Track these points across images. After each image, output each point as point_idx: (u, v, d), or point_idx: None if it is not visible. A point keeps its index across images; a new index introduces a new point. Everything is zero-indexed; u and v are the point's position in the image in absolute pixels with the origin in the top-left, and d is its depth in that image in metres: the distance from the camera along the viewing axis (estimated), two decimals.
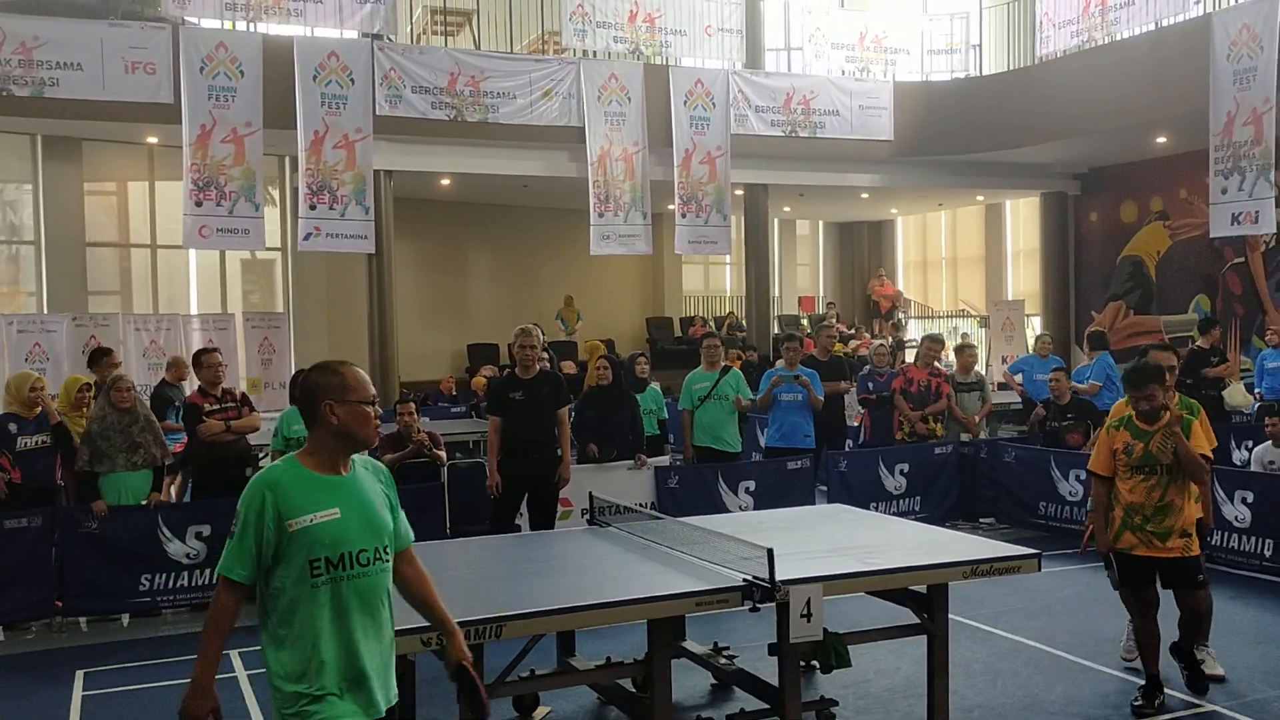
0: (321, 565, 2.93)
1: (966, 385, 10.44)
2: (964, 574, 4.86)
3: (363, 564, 3.00)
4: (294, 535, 2.91)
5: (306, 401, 3.03)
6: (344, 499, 3.01)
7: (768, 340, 17.10)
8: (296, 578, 2.92)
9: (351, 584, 2.98)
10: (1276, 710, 5.23)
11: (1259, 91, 12.82)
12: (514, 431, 7.31)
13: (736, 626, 6.20)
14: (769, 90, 16.26)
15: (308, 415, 3.04)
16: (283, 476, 2.96)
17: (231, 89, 13.14)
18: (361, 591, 3.01)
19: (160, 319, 14.81)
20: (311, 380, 3.04)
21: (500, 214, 20.19)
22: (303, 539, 2.91)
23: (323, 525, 2.94)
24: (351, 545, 2.98)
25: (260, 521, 2.90)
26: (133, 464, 7.39)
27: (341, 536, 2.96)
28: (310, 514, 2.92)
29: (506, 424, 7.34)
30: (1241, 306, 16.73)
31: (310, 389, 3.03)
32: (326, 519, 2.95)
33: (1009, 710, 5.31)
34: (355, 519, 3.01)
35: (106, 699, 5.86)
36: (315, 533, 2.93)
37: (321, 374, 3.05)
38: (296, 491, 2.95)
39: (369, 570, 3.03)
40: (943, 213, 23.61)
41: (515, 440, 7.31)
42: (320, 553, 2.93)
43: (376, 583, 3.06)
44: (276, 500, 2.91)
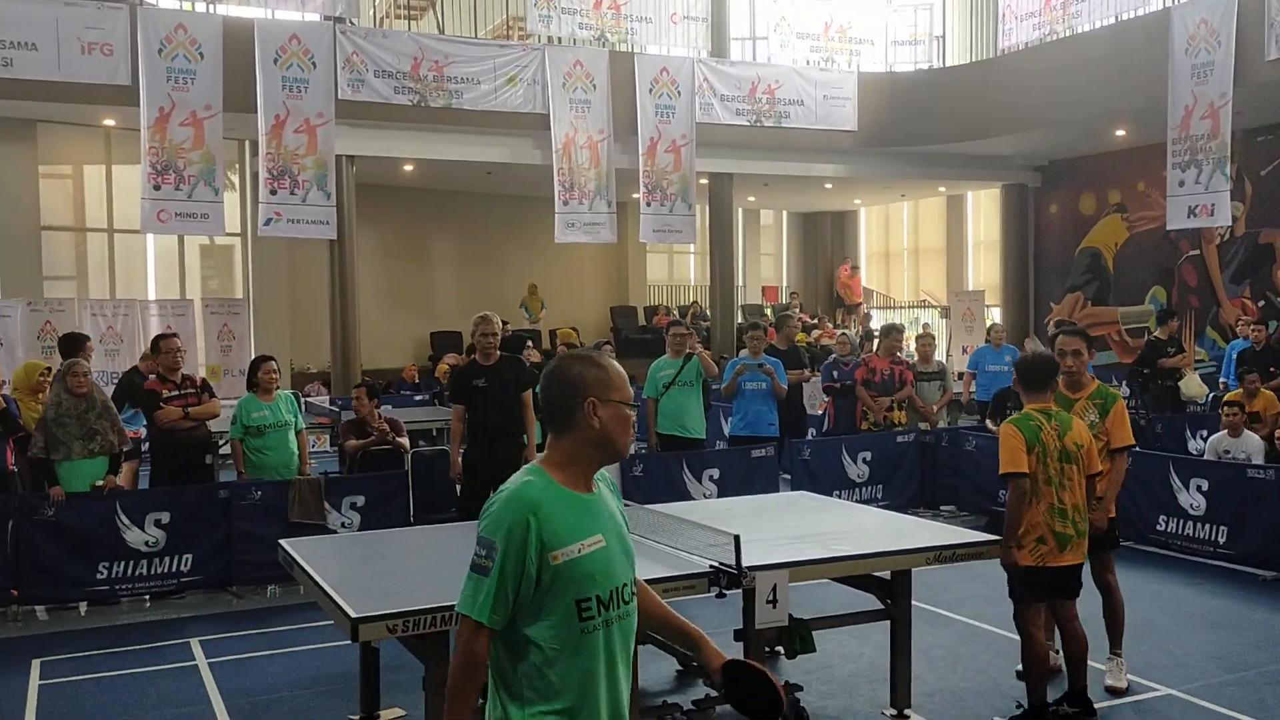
0: (592, 605, 2.39)
1: (927, 375, 10.54)
2: (927, 560, 4.91)
3: (626, 600, 2.48)
4: (559, 570, 2.36)
5: (563, 397, 2.45)
6: (603, 522, 2.48)
7: (731, 329, 17.15)
8: (561, 622, 2.38)
9: (618, 625, 2.46)
10: (1230, 694, 5.33)
11: (1216, 86, 13.00)
12: (479, 419, 7.28)
13: (701, 613, 6.19)
14: (734, 79, 16.28)
15: (559, 415, 2.46)
16: (543, 496, 2.39)
17: (191, 71, 12.94)
18: (626, 634, 2.49)
19: (117, 304, 14.59)
20: (574, 373, 2.47)
21: (464, 201, 20.08)
22: (571, 574, 2.37)
23: (591, 556, 2.40)
24: (618, 579, 2.46)
25: (523, 553, 2.35)
26: (89, 451, 7.28)
27: (610, 569, 2.44)
28: (577, 542, 2.39)
29: (471, 412, 7.31)
30: (1197, 298, 16.99)
31: (572, 383, 2.46)
32: (594, 548, 2.41)
33: (969, 694, 5.38)
34: (617, 547, 2.49)
35: (64, 688, 5.79)
36: (585, 565, 2.39)
37: (584, 366, 2.49)
38: (559, 514, 2.39)
39: (631, 608, 2.51)
40: (905, 204, 23.78)
41: (481, 428, 7.28)
42: (591, 590, 2.40)
43: (634, 623, 2.54)
44: (540, 526, 2.36)
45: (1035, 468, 4.82)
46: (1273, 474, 7.68)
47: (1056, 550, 4.83)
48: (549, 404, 2.49)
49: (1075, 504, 4.86)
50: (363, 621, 3.85)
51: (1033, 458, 4.81)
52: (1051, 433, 4.85)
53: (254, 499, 7.62)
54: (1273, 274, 15.90)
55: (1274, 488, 7.60)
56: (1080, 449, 4.89)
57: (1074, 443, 4.88)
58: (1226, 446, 8.79)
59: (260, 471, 7.88)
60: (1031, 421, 4.88)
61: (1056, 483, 4.83)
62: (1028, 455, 4.81)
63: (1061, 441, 4.84)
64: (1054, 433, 4.85)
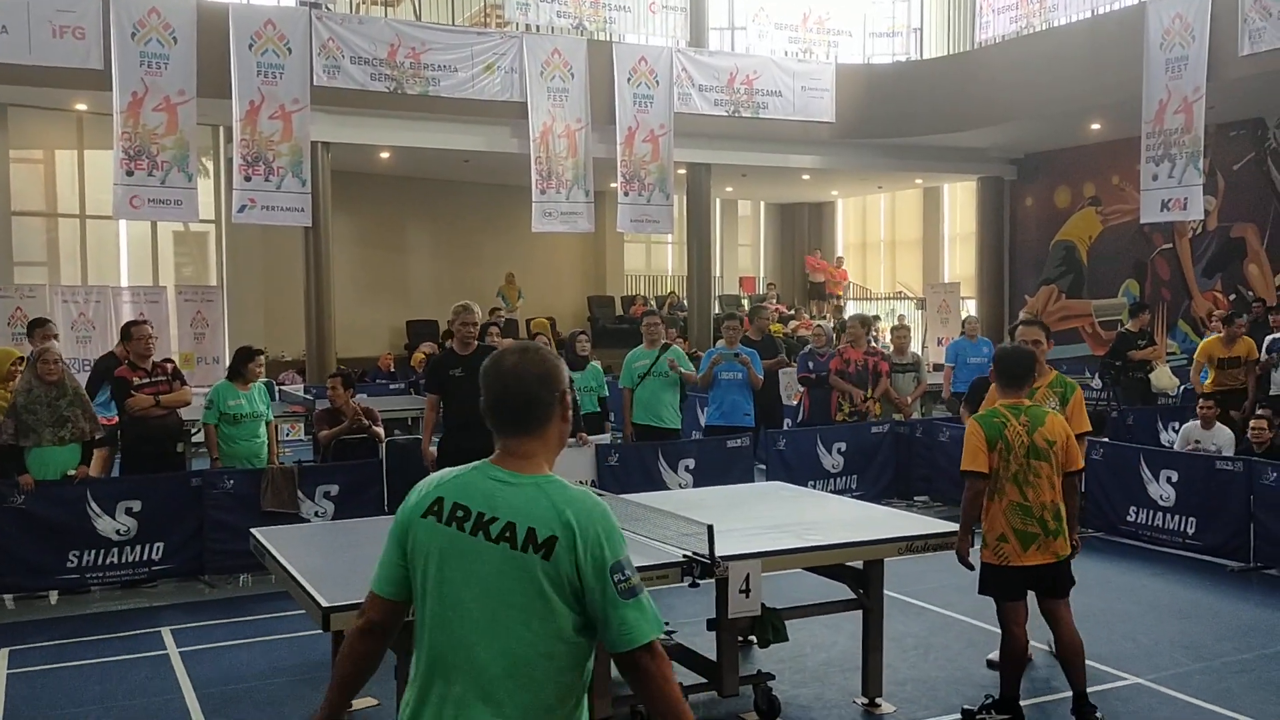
0: None
1: (902, 366, 10.59)
2: (899, 550, 4.95)
3: None
4: None
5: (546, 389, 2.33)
6: None
7: (709, 320, 17.17)
8: None
9: None
10: (1197, 683, 5.40)
11: (1190, 80, 13.09)
12: (455, 409, 7.26)
13: (675, 603, 6.24)
14: (712, 69, 16.27)
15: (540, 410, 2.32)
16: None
17: (164, 56, 12.81)
18: None
19: (89, 291, 14.46)
20: (553, 362, 2.38)
21: (441, 189, 19.99)
22: None
23: None
24: None
25: None
26: (60, 438, 7.21)
27: None
28: None
29: (446, 401, 7.29)
30: (1169, 291, 17.14)
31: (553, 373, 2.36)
32: None
33: (940, 683, 5.42)
34: None
35: (33, 677, 5.74)
36: None
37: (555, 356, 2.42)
38: None
39: None
40: (882, 196, 23.85)
41: (457, 417, 7.26)
42: None
43: None
44: None
45: (997, 465, 4.73)
46: (1241, 466, 7.77)
47: (1019, 549, 4.70)
48: (529, 398, 2.31)
49: (1043, 502, 4.70)
50: (334, 611, 3.84)
51: (994, 455, 4.72)
52: (1019, 429, 4.73)
53: (226, 488, 7.58)
54: (1244, 268, 16.06)
55: (1242, 480, 7.70)
56: (1052, 445, 4.73)
57: (1045, 439, 4.73)
58: (1198, 437, 8.88)
59: (230, 460, 7.83)
60: (995, 418, 4.79)
61: (1021, 479, 4.70)
62: (989, 453, 4.72)
63: (1031, 437, 4.72)
64: (1022, 429, 4.73)
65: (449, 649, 2.23)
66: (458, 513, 2.25)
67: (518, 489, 2.25)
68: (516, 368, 2.31)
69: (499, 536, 2.21)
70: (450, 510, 2.26)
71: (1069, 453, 4.81)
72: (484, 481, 2.27)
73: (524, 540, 2.20)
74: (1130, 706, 5.12)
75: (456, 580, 2.23)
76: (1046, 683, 5.45)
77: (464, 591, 2.22)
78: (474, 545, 2.22)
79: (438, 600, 2.24)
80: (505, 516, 2.22)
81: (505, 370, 2.32)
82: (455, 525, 2.24)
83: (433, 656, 2.24)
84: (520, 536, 2.20)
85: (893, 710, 5.04)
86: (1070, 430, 4.89)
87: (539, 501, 2.23)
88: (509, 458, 2.31)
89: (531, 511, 2.22)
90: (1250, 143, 15.87)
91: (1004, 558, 4.74)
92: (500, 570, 2.20)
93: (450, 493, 2.28)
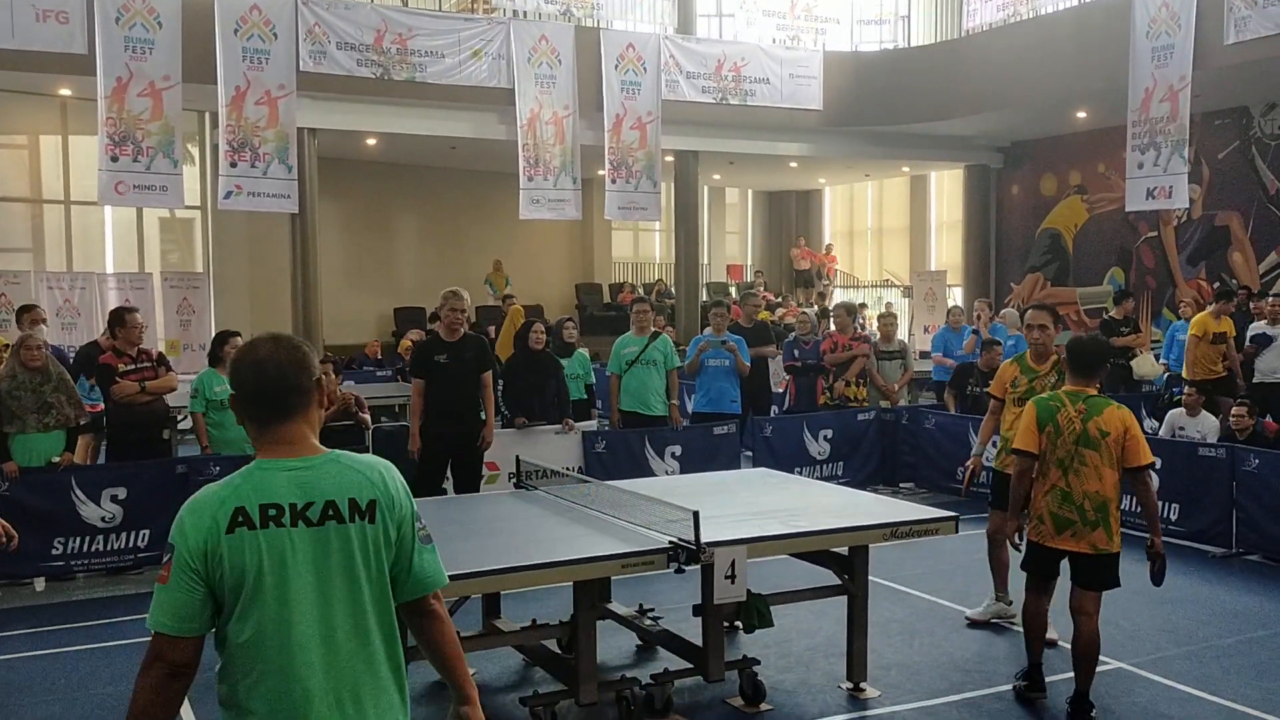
0: None
1: (888, 353, 10.62)
2: (884, 536, 4.97)
3: None
4: None
5: (307, 376, 2.35)
6: None
7: (696, 307, 17.17)
8: None
9: None
10: (1180, 668, 5.45)
11: (1175, 69, 13.13)
12: (439, 395, 7.25)
13: (661, 589, 6.26)
14: (700, 56, 16.24)
15: (303, 397, 2.33)
16: None
17: (149, 41, 12.72)
18: None
19: (75, 277, 14.37)
20: (307, 349, 2.40)
21: (428, 176, 19.92)
22: None
23: None
24: None
25: None
26: (44, 425, 7.18)
27: None
28: None
29: (431, 387, 7.28)
30: (1154, 279, 17.22)
31: (311, 358, 2.39)
32: None
33: (924, 668, 5.45)
34: None
35: (19, 664, 5.73)
36: None
37: (307, 344, 2.45)
38: None
39: None
40: (869, 183, 23.87)
41: (441, 403, 7.26)
42: None
43: None
44: None
45: (1045, 446, 4.76)
46: (1224, 453, 7.82)
47: (1052, 532, 4.76)
48: (289, 386, 2.31)
49: (1086, 490, 4.67)
50: None
51: (1043, 436, 4.76)
52: (1073, 415, 4.72)
53: (212, 474, 7.54)
54: (1228, 256, 16.14)
55: (1225, 466, 7.75)
56: (1105, 436, 4.67)
57: (1099, 429, 4.68)
58: (1182, 424, 8.94)
59: (221, 446, 7.82)
60: (1052, 401, 4.83)
61: (1066, 465, 4.70)
62: (1039, 433, 4.77)
63: (1084, 425, 4.69)
64: (1076, 416, 4.71)
65: (306, 659, 2.20)
66: (269, 512, 2.20)
67: (319, 470, 2.26)
68: (272, 357, 2.30)
69: (322, 518, 2.22)
70: (260, 514, 2.20)
71: (1129, 447, 4.71)
72: (278, 476, 2.24)
73: (349, 512, 2.24)
74: (1113, 691, 5.16)
75: (289, 578, 2.19)
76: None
77: (303, 590, 2.20)
78: (300, 537, 2.21)
79: (277, 609, 2.19)
80: (321, 497, 2.23)
81: (261, 360, 2.30)
82: (273, 525, 2.20)
83: (286, 673, 2.19)
84: (344, 510, 2.24)
85: (877, 695, 5.07)
86: (1131, 424, 4.76)
87: (345, 474, 2.27)
88: (284, 445, 2.28)
89: (344, 484, 2.26)
90: (1235, 131, 15.93)
91: (1039, 536, 4.86)
92: (334, 549, 2.23)
93: (248, 498, 2.21)
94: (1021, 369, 5.95)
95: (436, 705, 5.04)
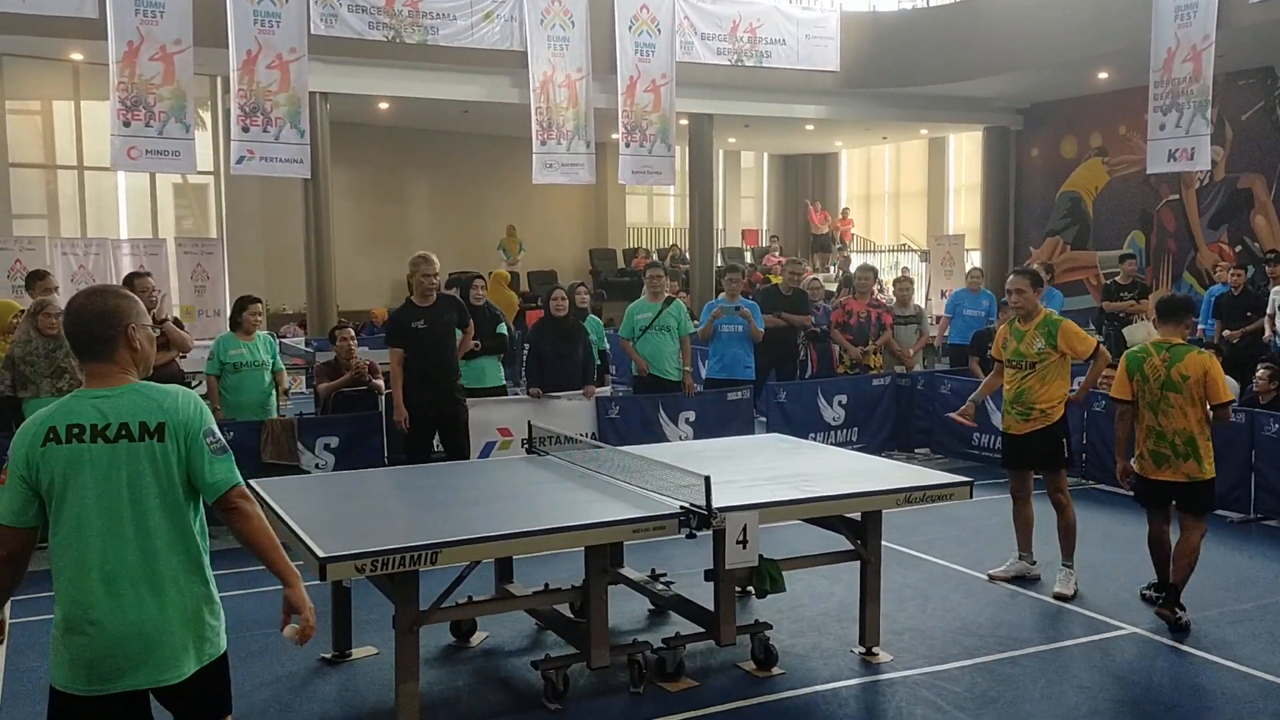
0: None
1: (904, 318, 10.55)
2: (897, 501, 4.94)
3: None
4: None
5: (107, 327, 2.80)
6: None
7: (711, 273, 17.09)
8: None
9: None
10: (1196, 632, 5.40)
11: (1199, 28, 12.90)
12: (420, 360, 7.21)
13: (674, 554, 6.25)
14: (715, 17, 16.05)
15: (104, 344, 2.80)
16: None
17: (160, 4, 12.64)
18: None
19: (89, 243, 14.39)
20: (114, 302, 2.85)
21: (440, 140, 19.83)
22: None
23: None
24: None
25: None
26: (58, 389, 7.17)
27: None
28: None
29: (411, 354, 7.24)
30: (1175, 243, 17.03)
31: (116, 311, 2.84)
32: None
33: (938, 632, 5.44)
34: None
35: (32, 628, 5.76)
36: None
37: (120, 297, 2.89)
38: None
39: None
40: (886, 146, 23.64)
41: (423, 368, 7.21)
42: None
43: None
44: None
45: (1137, 393, 5.57)
46: (1244, 418, 7.73)
47: (1152, 465, 5.54)
48: (90, 334, 2.78)
49: (1175, 428, 5.44)
50: (330, 561, 3.84)
51: (1133, 384, 5.58)
52: (1158, 364, 5.49)
53: (226, 439, 7.56)
54: (1250, 219, 15.93)
55: (1244, 431, 7.67)
56: (1186, 380, 5.42)
57: (1180, 374, 5.43)
58: None
59: (233, 411, 7.82)
60: (1140, 354, 5.59)
61: (1155, 407, 5.48)
62: (1129, 382, 5.58)
63: (1168, 372, 5.44)
64: (1161, 364, 5.48)
65: (100, 547, 2.69)
66: (74, 430, 2.69)
67: (118, 398, 2.75)
68: (80, 308, 2.79)
69: (117, 436, 2.70)
70: (67, 431, 2.69)
71: (1208, 388, 5.45)
72: (86, 403, 2.74)
73: (139, 432, 2.72)
74: (1128, 655, 5.14)
75: (89, 485, 2.69)
76: (1048, 631, 5.47)
77: (96, 493, 2.69)
78: (97, 451, 2.69)
79: (76, 509, 2.69)
80: (117, 419, 2.71)
81: (72, 310, 2.81)
82: (75, 441, 2.69)
83: (84, 561, 2.70)
84: (135, 430, 2.72)
85: (890, 659, 5.06)
86: (1210, 367, 5.47)
87: (140, 401, 2.75)
88: (94, 379, 2.78)
89: (137, 408, 2.74)
90: (1259, 92, 15.67)
91: (1143, 470, 5.62)
92: (125, 463, 2.71)
93: (59, 419, 2.71)
94: (1011, 331, 6.23)
95: (448, 668, 5.06)
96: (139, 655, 2.70)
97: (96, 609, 2.68)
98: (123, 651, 2.69)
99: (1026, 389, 6.06)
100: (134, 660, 2.69)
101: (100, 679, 2.69)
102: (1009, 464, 6.31)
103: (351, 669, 5.06)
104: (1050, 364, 6.00)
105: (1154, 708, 4.57)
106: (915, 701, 4.61)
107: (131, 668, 2.70)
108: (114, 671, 2.69)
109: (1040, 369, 6.01)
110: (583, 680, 4.82)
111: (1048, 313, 6.17)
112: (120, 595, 2.69)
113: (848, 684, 4.83)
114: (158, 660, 2.71)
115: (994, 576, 6.27)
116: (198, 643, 2.79)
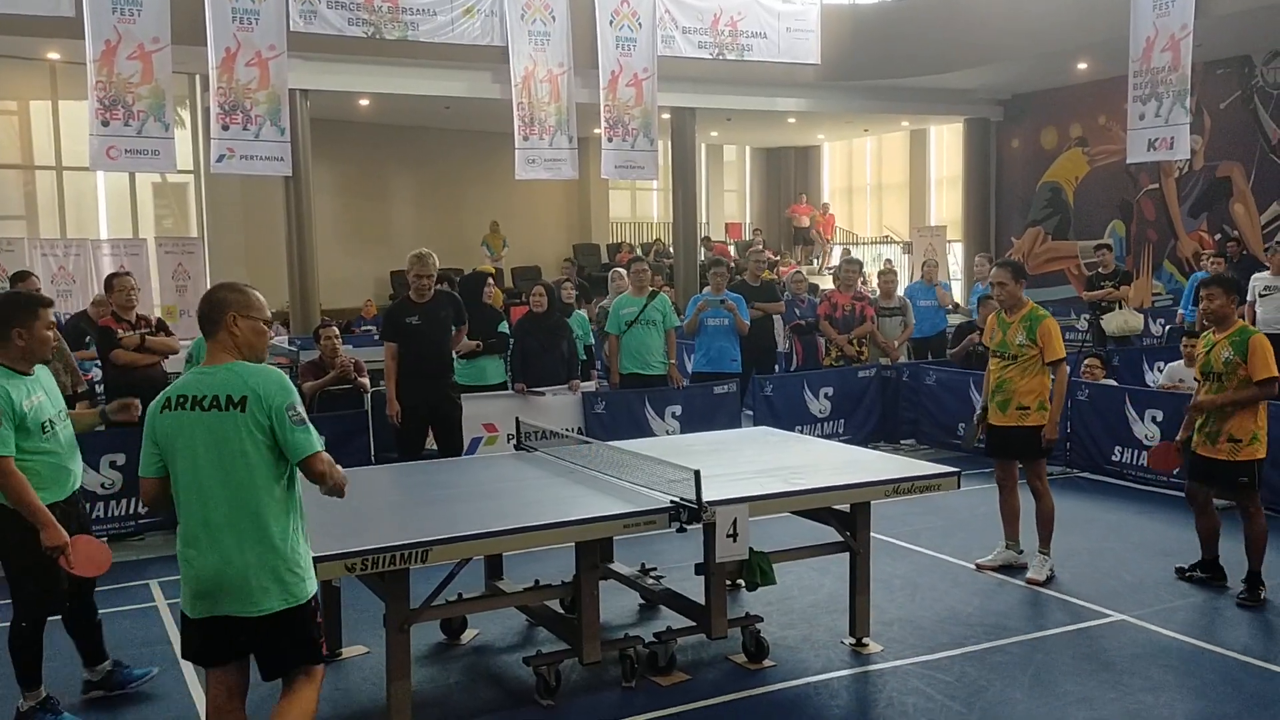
0: None
1: (888, 310, 10.58)
2: (886, 493, 4.95)
3: None
4: None
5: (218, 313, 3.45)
6: None
7: (695, 267, 17.09)
8: None
9: None
10: (1180, 619, 5.45)
11: (1177, 17, 12.97)
12: (413, 356, 7.20)
13: (664, 548, 6.26)
14: (696, 11, 16.03)
15: (211, 326, 3.44)
16: None
17: (137, 3, 12.52)
18: None
19: (69, 244, 14.29)
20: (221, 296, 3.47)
21: (422, 136, 19.76)
22: None
23: None
24: None
25: None
26: None
27: None
28: None
29: (404, 350, 7.23)
30: (1155, 232, 17.13)
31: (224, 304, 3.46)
32: None
33: (927, 622, 5.46)
34: None
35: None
36: None
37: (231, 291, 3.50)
38: None
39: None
40: (868, 139, 23.69)
41: (416, 364, 7.20)
42: None
43: None
44: None
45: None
46: None
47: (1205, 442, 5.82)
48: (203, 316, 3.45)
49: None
50: (320, 560, 3.82)
51: None
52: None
53: None
54: (1229, 207, 16.04)
55: None
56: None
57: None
58: (1182, 375, 8.89)
59: None
60: None
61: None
62: None
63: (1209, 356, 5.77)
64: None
65: (199, 497, 3.28)
66: (181, 400, 3.33)
67: (214, 374, 3.34)
68: (204, 296, 3.48)
69: (210, 405, 3.29)
70: (177, 401, 3.34)
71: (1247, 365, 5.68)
72: (195, 378, 3.36)
73: (225, 403, 3.28)
74: (1116, 642, 5.17)
75: (190, 445, 3.29)
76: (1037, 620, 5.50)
77: (194, 452, 3.28)
78: (194, 418, 3.30)
79: (182, 465, 3.31)
80: (210, 393, 3.30)
81: (205, 298, 3.46)
82: (181, 409, 3.32)
83: (190, 507, 3.30)
84: (223, 401, 3.28)
85: (880, 650, 5.08)
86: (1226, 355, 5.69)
87: (230, 378, 3.31)
88: (207, 358, 3.40)
89: (227, 384, 3.30)
90: (1237, 81, 15.78)
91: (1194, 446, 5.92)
92: (215, 428, 3.27)
93: (174, 391, 3.37)
94: (998, 321, 6.30)
95: (440, 666, 5.06)
96: (225, 589, 3.26)
97: (195, 548, 3.28)
98: (214, 584, 3.26)
99: (1007, 380, 6.14)
100: (223, 592, 3.26)
101: (201, 605, 3.30)
102: (992, 453, 6.38)
103: (343, 668, 5.04)
104: (1031, 358, 6.06)
105: (1142, 694, 4.60)
106: (906, 691, 4.63)
107: (223, 598, 3.26)
108: (209, 600, 3.28)
109: (1021, 362, 6.08)
110: (574, 676, 4.82)
111: (1033, 306, 6.21)
112: (212, 538, 3.26)
113: (839, 675, 4.84)
114: (241, 595, 3.26)
115: (981, 566, 6.31)
116: (279, 585, 3.29)
